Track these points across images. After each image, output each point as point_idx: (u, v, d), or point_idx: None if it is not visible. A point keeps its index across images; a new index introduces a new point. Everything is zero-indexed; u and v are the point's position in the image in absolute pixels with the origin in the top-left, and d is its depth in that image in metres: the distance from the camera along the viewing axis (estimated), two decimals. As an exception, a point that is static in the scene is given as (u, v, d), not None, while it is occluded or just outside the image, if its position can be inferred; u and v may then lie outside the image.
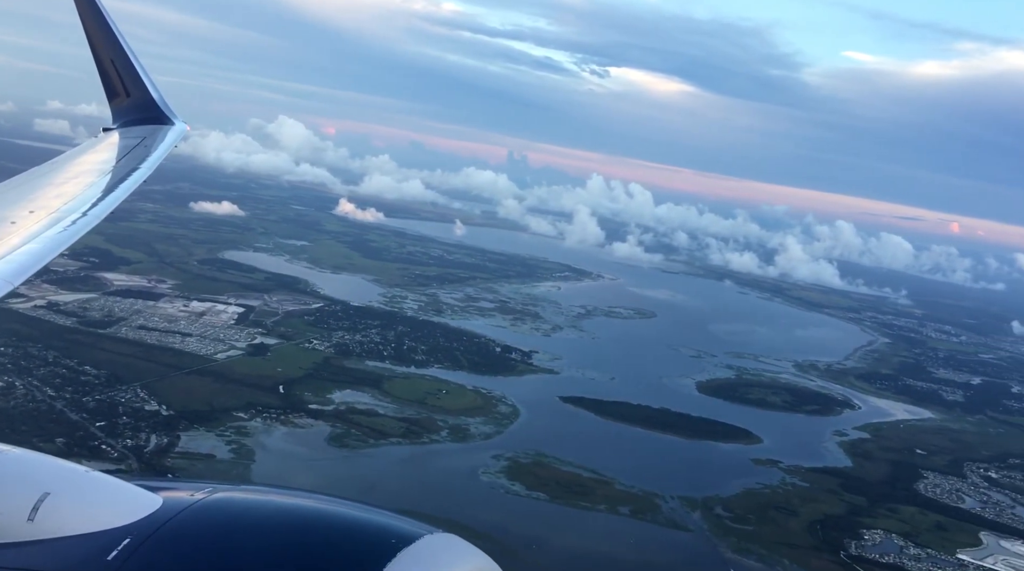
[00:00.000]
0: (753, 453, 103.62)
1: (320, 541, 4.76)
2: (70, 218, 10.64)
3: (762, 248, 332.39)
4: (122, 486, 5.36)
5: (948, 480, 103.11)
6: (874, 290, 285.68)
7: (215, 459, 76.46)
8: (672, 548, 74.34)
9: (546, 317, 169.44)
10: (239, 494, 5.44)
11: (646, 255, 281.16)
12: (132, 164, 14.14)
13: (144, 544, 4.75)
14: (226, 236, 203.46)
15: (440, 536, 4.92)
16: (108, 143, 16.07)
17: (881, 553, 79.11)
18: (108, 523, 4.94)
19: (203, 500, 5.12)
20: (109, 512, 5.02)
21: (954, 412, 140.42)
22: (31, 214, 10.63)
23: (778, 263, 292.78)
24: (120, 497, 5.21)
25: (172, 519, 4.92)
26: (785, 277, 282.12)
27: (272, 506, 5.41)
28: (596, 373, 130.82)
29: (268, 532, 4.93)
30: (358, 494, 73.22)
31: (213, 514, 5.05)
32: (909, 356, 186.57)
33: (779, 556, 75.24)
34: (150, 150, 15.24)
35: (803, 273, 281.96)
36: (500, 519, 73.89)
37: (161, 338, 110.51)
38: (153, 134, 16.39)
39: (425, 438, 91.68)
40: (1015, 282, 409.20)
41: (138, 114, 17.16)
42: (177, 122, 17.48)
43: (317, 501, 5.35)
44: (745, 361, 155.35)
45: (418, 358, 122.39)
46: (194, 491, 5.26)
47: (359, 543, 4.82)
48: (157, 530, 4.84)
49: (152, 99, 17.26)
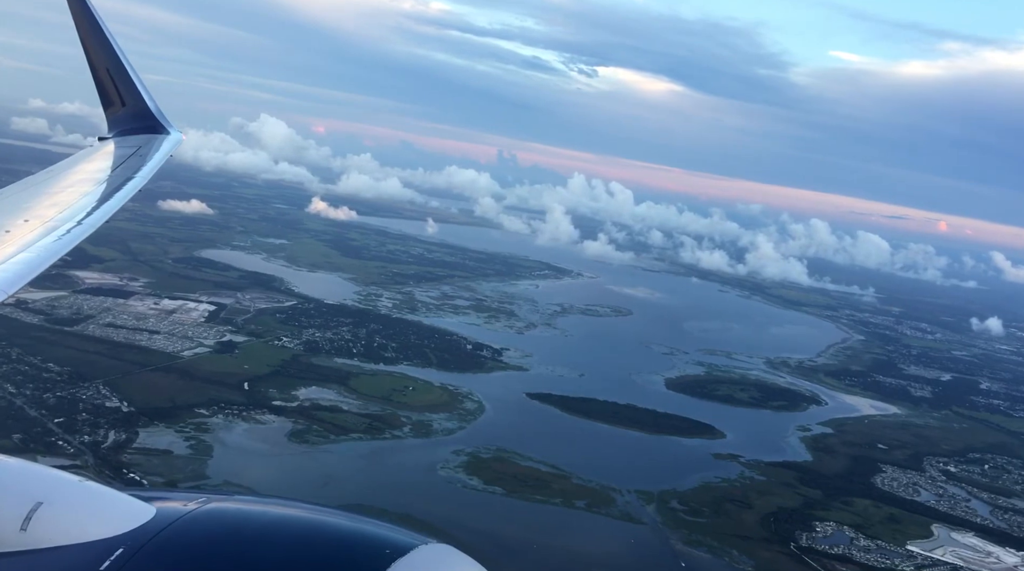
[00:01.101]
0: (715, 448, 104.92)
1: (314, 552, 4.76)
2: (65, 227, 10.64)
3: (733, 246, 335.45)
4: (115, 496, 5.38)
5: (906, 474, 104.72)
6: (841, 287, 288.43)
7: (172, 455, 77.14)
8: (623, 540, 75.44)
9: (521, 315, 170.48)
10: (233, 504, 5.47)
11: (616, 253, 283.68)
12: (127, 173, 14.25)
13: (137, 554, 4.74)
14: (204, 234, 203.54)
15: (434, 546, 4.93)
16: (103, 152, 16.25)
17: (831, 545, 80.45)
18: (101, 533, 4.93)
19: (196, 510, 5.12)
20: (102, 522, 5.01)
21: (920, 408, 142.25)
22: (26, 223, 10.66)
23: (748, 261, 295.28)
24: (113, 507, 5.21)
25: (165, 529, 4.91)
26: (754, 274, 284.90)
27: (266, 516, 5.43)
28: (566, 370, 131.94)
29: (262, 543, 4.93)
30: (312, 489, 74.56)
31: (207, 524, 5.04)
32: (882, 353, 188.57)
33: (729, 547, 76.50)
34: (145, 159, 15.35)
35: (772, 271, 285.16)
36: (454, 513, 74.83)
37: (128, 336, 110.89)
38: (148, 143, 16.52)
39: (387, 434, 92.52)
40: (990, 280, 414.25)
41: (133, 123, 17.32)
42: (173, 131, 17.68)
43: (311, 512, 5.39)
44: (717, 358, 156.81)
45: (388, 355, 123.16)
46: (188, 501, 5.26)
47: (353, 554, 4.82)
48: (150, 540, 4.83)
49: (148, 108, 17.43)
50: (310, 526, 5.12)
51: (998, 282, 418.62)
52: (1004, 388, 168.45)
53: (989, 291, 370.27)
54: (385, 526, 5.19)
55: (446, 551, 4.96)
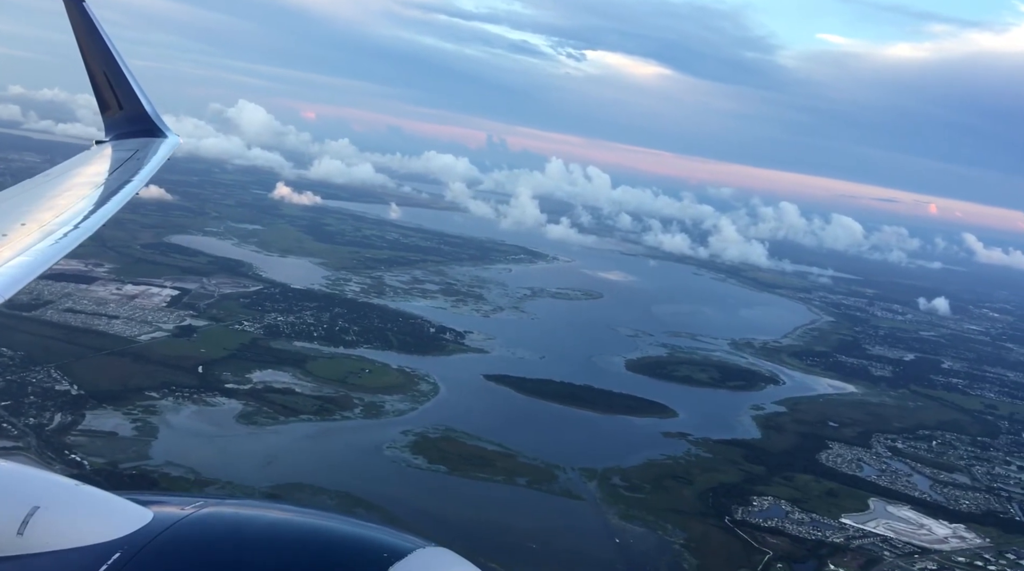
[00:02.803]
0: (665, 427, 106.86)
1: (311, 556, 4.78)
2: (62, 231, 10.69)
3: (697, 229, 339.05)
4: (112, 500, 5.40)
5: (852, 450, 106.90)
6: (800, 267, 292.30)
7: (116, 437, 78.32)
8: (559, 515, 77.22)
9: (489, 299, 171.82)
10: (230, 508, 5.51)
11: (578, 236, 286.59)
12: (124, 177, 14.31)
13: (134, 558, 4.76)
14: (176, 220, 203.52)
15: (432, 550, 4.94)
16: (101, 156, 16.32)
17: (765, 518, 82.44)
18: (98, 537, 4.94)
19: (193, 514, 5.15)
20: (99, 526, 5.03)
21: (878, 387, 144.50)
22: (23, 227, 10.71)
23: (711, 244, 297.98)
24: (110, 511, 5.24)
25: (162, 533, 4.94)
26: (715, 257, 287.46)
27: (263, 520, 5.46)
28: (527, 352, 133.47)
29: (259, 547, 4.97)
30: (254, 469, 75.91)
31: (204, 528, 5.07)
32: (848, 334, 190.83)
33: (663, 522, 78.37)
34: (143, 163, 15.41)
35: (733, 253, 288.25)
36: (394, 491, 76.51)
37: (86, 321, 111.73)
38: (146, 147, 16.60)
39: (337, 415, 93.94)
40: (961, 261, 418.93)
41: (131, 127, 17.37)
42: (170, 135, 17.74)
43: (308, 516, 5.42)
44: (681, 340, 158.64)
45: (348, 339, 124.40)
46: (185, 505, 5.29)
47: (351, 557, 4.85)
48: (147, 544, 4.86)
49: (145, 112, 17.46)
50: (307, 530, 5.15)
51: (970, 264, 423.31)
52: (966, 367, 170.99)
53: (961, 272, 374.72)
54: (382, 530, 5.22)
55: (444, 555, 4.95)
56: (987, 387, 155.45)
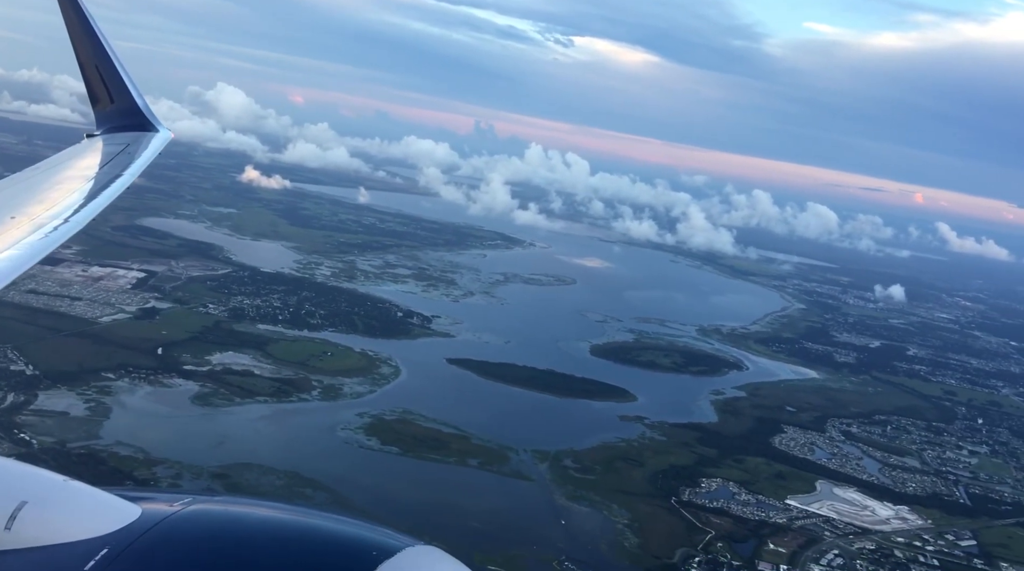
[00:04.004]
0: (623, 410, 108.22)
1: (300, 553, 4.78)
2: (52, 225, 10.67)
3: (666, 216, 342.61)
4: (101, 496, 5.38)
5: (806, 434, 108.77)
6: (765, 253, 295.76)
7: (68, 417, 78.69)
8: (506, 496, 78.43)
9: (461, 284, 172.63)
10: (219, 505, 5.50)
11: (546, 222, 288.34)
12: (115, 171, 14.30)
13: (123, 554, 4.75)
14: (150, 203, 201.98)
15: (421, 548, 4.95)
16: (92, 149, 16.27)
17: (712, 499, 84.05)
18: (86, 533, 4.94)
19: (182, 511, 5.15)
20: (87, 522, 5.03)
21: (840, 373, 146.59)
22: (12, 220, 10.69)
23: (679, 230, 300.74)
24: (99, 506, 5.23)
25: (151, 529, 4.93)
26: (681, 243, 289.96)
27: (252, 517, 5.46)
28: (493, 337, 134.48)
29: (248, 544, 4.96)
30: (205, 449, 76.62)
31: (192, 525, 5.07)
32: (817, 321, 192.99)
33: (610, 502, 79.73)
34: (133, 157, 15.36)
35: (699, 240, 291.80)
36: (343, 471, 77.48)
37: (48, 302, 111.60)
38: (137, 141, 16.54)
39: (294, 397, 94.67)
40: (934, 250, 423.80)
41: (122, 120, 17.28)
42: (161, 129, 17.73)
43: (297, 513, 5.46)
44: (649, 326, 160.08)
45: (313, 322, 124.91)
46: (173, 501, 5.29)
47: (339, 555, 4.84)
48: (136, 540, 4.85)
49: (136, 106, 17.42)
50: (296, 527, 5.18)
51: (946, 252, 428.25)
52: (930, 354, 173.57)
53: (938, 261, 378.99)
54: (372, 528, 5.21)
55: (433, 553, 4.96)
56: (949, 374, 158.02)
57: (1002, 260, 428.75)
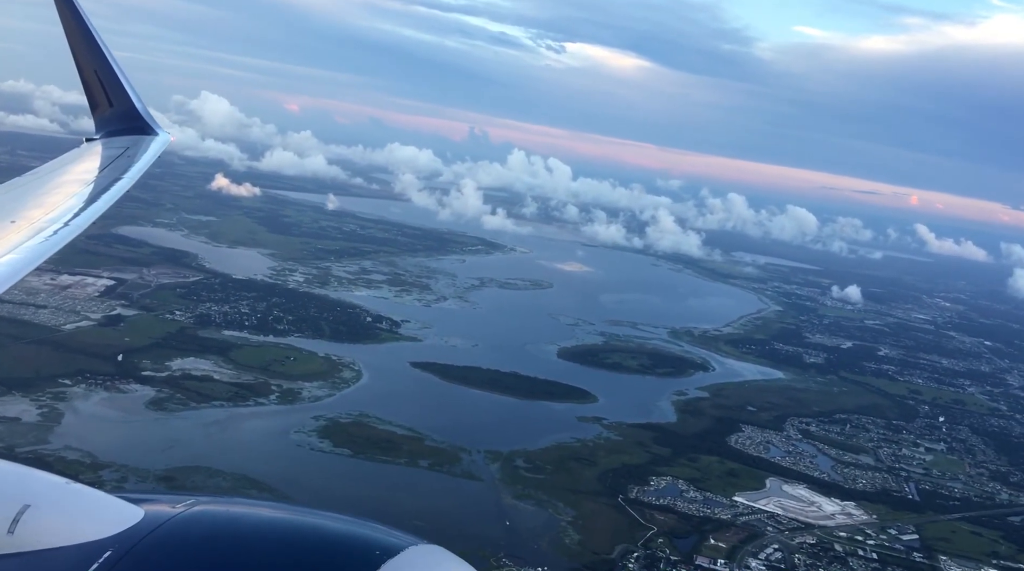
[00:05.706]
0: (582, 411, 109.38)
1: (303, 553, 4.79)
2: (51, 229, 10.68)
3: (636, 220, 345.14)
4: (103, 498, 5.40)
5: (763, 433, 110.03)
6: (731, 256, 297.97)
7: (19, 422, 79.84)
8: (453, 495, 79.53)
9: (435, 289, 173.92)
10: (221, 507, 5.49)
11: (514, 226, 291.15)
12: (115, 175, 14.40)
13: (125, 557, 4.75)
14: (128, 211, 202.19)
15: (424, 547, 4.99)
16: (91, 153, 16.39)
17: (659, 496, 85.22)
18: (89, 535, 4.94)
19: (185, 512, 5.16)
20: (90, 524, 5.03)
21: (807, 373, 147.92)
22: (12, 224, 10.73)
23: (648, 234, 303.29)
24: (101, 509, 5.24)
25: (154, 531, 4.94)
26: (649, 246, 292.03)
27: (255, 518, 5.49)
28: (461, 341, 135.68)
29: (251, 545, 4.97)
30: (154, 453, 77.62)
31: (195, 526, 5.08)
32: (792, 323, 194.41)
33: (556, 501, 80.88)
34: (133, 161, 15.47)
35: (666, 243, 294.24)
36: (292, 473, 78.54)
37: (12, 310, 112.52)
38: (136, 144, 16.68)
39: (251, 401, 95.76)
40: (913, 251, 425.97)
41: (121, 124, 17.48)
42: (161, 132, 17.97)
43: (300, 514, 5.45)
44: (620, 328, 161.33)
45: (280, 328, 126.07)
46: (176, 503, 5.30)
47: (343, 555, 4.87)
48: (139, 542, 4.85)
49: (135, 109, 17.61)
50: (299, 528, 5.17)
51: (922, 253, 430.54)
52: (901, 354, 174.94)
53: (923, 262, 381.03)
54: (375, 527, 5.24)
55: (436, 552, 5.02)
56: (917, 373, 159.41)
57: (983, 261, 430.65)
